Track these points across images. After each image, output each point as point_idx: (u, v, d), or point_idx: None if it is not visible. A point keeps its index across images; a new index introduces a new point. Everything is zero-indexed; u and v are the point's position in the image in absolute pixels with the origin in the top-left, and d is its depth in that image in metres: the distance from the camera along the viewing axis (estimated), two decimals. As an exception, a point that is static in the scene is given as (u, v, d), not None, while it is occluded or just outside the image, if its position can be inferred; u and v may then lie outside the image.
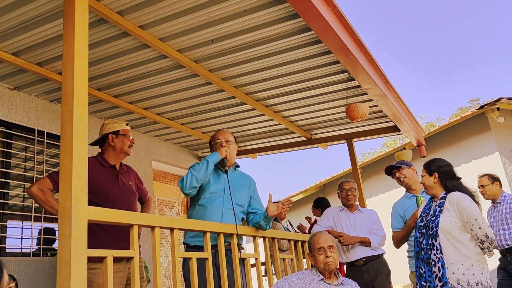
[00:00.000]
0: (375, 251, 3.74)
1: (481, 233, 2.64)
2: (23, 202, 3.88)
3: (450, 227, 2.68)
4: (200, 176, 2.81)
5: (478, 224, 2.64)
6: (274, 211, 2.89)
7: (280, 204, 2.89)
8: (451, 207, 2.73)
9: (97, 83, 3.97)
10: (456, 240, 2.66)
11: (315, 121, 5.37)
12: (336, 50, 3.37)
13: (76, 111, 1.82)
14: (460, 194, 2.77)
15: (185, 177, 2.81)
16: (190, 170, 2.84)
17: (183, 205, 6.05)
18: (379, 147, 23.13)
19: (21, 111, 3.95)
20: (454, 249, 2.65)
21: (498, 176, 4.54)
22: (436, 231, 2.70)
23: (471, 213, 2.67)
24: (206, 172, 2.83)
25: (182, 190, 2.82)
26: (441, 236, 2.68)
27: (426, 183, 2.93)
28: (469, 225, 2.67)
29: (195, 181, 2.80)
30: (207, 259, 2.49)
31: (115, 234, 2.72)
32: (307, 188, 10.82)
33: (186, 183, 2.79)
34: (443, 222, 2.70)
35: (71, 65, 1.87)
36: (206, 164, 2.84)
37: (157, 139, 5.63)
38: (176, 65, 3.74)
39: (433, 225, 2.73)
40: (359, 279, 3.49)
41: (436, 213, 2.77)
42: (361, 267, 3.66)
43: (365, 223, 3.87)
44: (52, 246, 3.95)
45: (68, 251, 1.64)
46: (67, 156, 1.78)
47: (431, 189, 2.92)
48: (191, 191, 2.83)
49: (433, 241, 2.70)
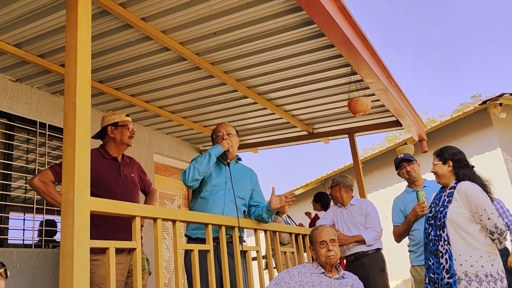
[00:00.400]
0: (368, 247, 3.72)
1: (490, 223, 2.55)
2: (25, 194, 3.89)
3: (458, 218, 2.61)
4: (202, 168, 2.82)
5: (487, 215, 2.56)
6: (277, 204, 2.89)
7: (283, 197, 2.89)
8: (459, 197, 2.66)
9: (99, 75, 3.97)
10: (464, 231, 2.59)
11: (317, 115, 5.36)
12: (338, 43, 3.36)
13: (79, 101, 1.82)
14: (469, 184, 2.69)
15: (188, 170, 2.82)
16: (192, 163, 2.85)
17: (184, 198, 6.06)
18: (380, 142, 23.12)
19: (23, 103, 3.95)
20: (462, 240, 2.58)
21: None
22: (443, 222, 2.64)
23: (479, 203, 2.59)
24: (208, 164, 2.83)
25: (184, 182, 2.83)
26: (448, 227, 2.61)
27: (439, 171, 2.83)
28: (477, 215, 2.59)
29: (197, 173, 2.80)
30: (208, 251, 2.50)
31: (117, 226, 2.73)
32: (308, 183, 10.83)
33: (188, 175, 2.80)
34: (451, 212, 2.64)
35: (74, 55, 1.87)
36: (208, 157, 2.84)
37: (158, 132, 5.63)
38: (178, 57, 3.73)
39: (441, 216, 2.67)
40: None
41: (445, 203, 2.70)
42: (353, 262, 3.66)
43: (355, 217, 3.84)
44: (53, 238, 3.97)
45: (71, 241, 1.65)
46: (70, 147, 1.78)
47: (444, 178, 2.82)
48: (193, 184, 2.83)
49: (441, 232, 2.64)
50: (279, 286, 2.66)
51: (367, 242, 3.69)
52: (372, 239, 3.70)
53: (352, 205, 3.93)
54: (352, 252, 3.72)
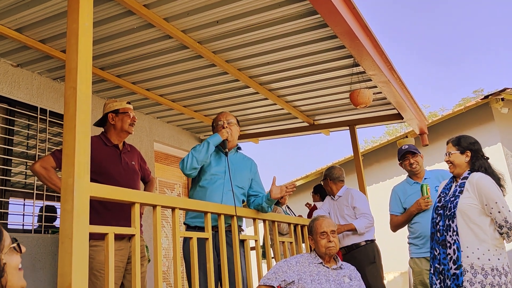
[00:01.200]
0: (359, 239, 3.72)
1: (500, 217, 2.51)
2: (26, 180, 3.89)
3: (468, 209, 2.57)
4: (201, 157, 2.81)
5: (498, 208, 2.51)
6: (278, 194, 2.89)
7: (284, 187, 2.90)
8: (470, 188, 2.61)
9: (101, 62, 3.95)
10: (473, 222, 2.55)
11: (318, 106, 5.35)
12: (341, 34, 3.33)
13: (80, 87, 1.81)
14: (482, 175, 2.63)
15: (186, 158, 2.82)
16: (191, 151, 2.85)
17: (184, 187, 6.07)
18: (380, 136, 23.10)
19: (24, 88, 3.94)
20: (471, 232, 2.54)
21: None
22: (454, 212, 2.59)
23: (491, 195, 2.54)
24: (206, 153, 2.83)
25: (182, 171, 2.83)
26: (458, 217, 2.57)
27: (456, 161, 2.74)
28: (488, 208, 2.54)
29: (195, 162, 2.80)
30: (207, 239, 2.51)
31: (117, 213, 2.74)
32: (308, 174, 10.84)
33: (186, 164, 2.80)
34: (461, 203, 2.59)
35: (75, 40, 1.85)
36: (207, 146, 2.84)
37: (159, 120, 5.63)
38: (180, 46, 3.71)
39: (451, 206, 2.62)
40: None
41: (456, 193, 2.65)
42: (344, 256, 3.67)
43: (342, 208, 3.86)
44: (53, 224, 3.98)
45: (70, 226, 1.65)
46: (71, 132, 1.77)
47: (460, 168, 2.74)
48: (191, 172, 2.83)
49: (450, 222, 2.59)
50: (277, 275, 2.67)
51: (358, 230, 3.68)
52: (363, 227, 3.69)
53: (340, 197, 3.95)
54: (343, 245, 3.72)
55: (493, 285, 2.45)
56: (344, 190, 3.97)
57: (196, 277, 2.35)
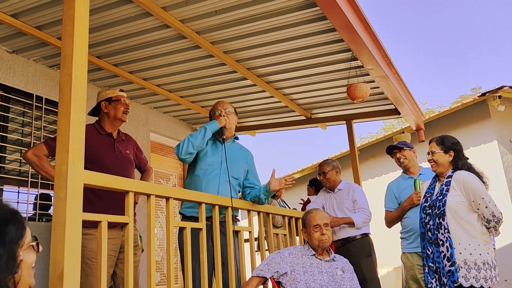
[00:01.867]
0: (355, 232, 3.73)
1: (487, 212, 2.59)
2: (20, 167, 3.88)
3: (457, 206, 2.63)
4: (197, 142, 2.80)
5: (485, 203, 2.59)
6: (277, 186, 2.88)
7: (283, 180, 2.89)
8: (457, 186, 2.68)
9: (97, 50, 3.92)
10: (462, 219, 2.62)
11: (315, 100, 5.34)
12: (340, 27, 3.32)
13: (75, 73, 1.79)
14: (466, 173, 2.71)
15: (182, 143, 2.81)
16: (187, 136, 2.84)
17: (179, 178, 6.06)
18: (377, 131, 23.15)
19: (19, 75, 3.91)
20: (461, 228, 2.61)
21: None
22: (443, 210, 2.64)
23: (477, 191, 2.62)
24: (203, 139, 2.82)
25: (178, 155, 2.82)
26: (448, 215, 2.63)
27: (440, 160, 2.82)
28: (475, 204, 2.62)
29: (191, 147, 2.79)
30: (201, 229, 2.51)
31: (110, 201, 2.73)
32: (304, 168, 10.84)
33: (182, 148, 2.79)
34: (450, 201, 2.65)
35: (71, 27, 1.84)
36: (203, 131, 2.83)
37: (155, 111, 5.61)
38: (178, 35, 3.68)
39: (440, 204, 2.68)
40: None
41: (443, 191, 2.71)
42: (339, 248, 3.68)
43: (342, 201, 3.85)
44: (47, 212, 3.97)
45: (63, 213, 1.64)
46: (65, 119, 1.76)
47: (442, 167, 2.82)
48: (186, 157, 2.82)
49: (441, 220, 2.64)
50: (270, 266, 2.68)
51: (356, 224, 3.69)
52: (361, 222, 3.71)
53: (340, 190, 3.94)
54: (339, 238, 3.73)
55: (486, 278, 2.52)
56: (344, 184, 3.98)
57: (189, 266, 2.35)
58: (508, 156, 7.22)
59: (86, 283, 2.61)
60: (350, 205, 3.82)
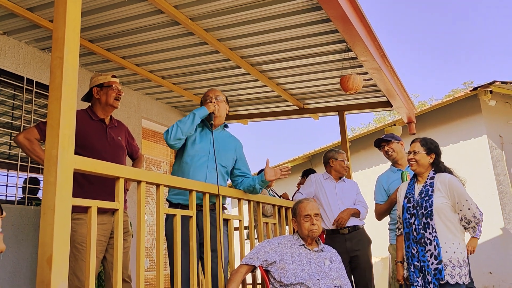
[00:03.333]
0: (358, 222, 3.81)
1: (470, 213, 2.72)
2: (10, 151, 3.85)
3: (443, 207, 2.74)
4: (186, 128, 2.79)
5: (468, 205, 2.72)
6: (273, 176, 2.89)
7: (279, 170, 2.90)
8: (442, 188, 2.78)
9: (90, 34, 3.88)
10: (448, 219, 2.73)
11: (308, 90, 5.34)
12: (335, 18, 3.31)
13: (67, 57, 1.77)
14: (451, 176, 2.83)
15: (171, 128, 2.80)
16: (176, 122, 2.83)
17: (170, 165, 6.05)
18: (369, 123, 23.22)
19: (10, 57, 3.86)
20: (446, 228, 2.72)
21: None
22: (431, 210, 2.73)
23: (462, 194, 2.74)
24: (192, 124, 2.81)
25: (166, 140, 2.81)
26: (435, 215, 2.72)
27: (422, 161, 2.90)
28: (459, 205, 2.74)
29: (180, 132, 2.78)
30: (191, 217, 2.51)
31: (101, 187, 2.72)
32: (296, 158, 10.88)
33: (170, 134, 2.78)
34: (436, 202, 2.75)
35: (63, 8, 1.81)
36: (192, 117, 2.82)
37: (148, 97, 5.57)
38: (171, 21, 3.65)
39: (427, 205, 2.76)
40: (341, 246, 3.56)
41: (429, 192, 2.80)
42: (344, 235, 3.72)
43: (350, 194, 3.91)
44: (37, 196, 3.95)
45: (53, 197, 1.64)
46: (56, 102, 1.74)
47: (422, 167, 2.91)
48: (175, 143, 2.81)
49: (428, 220, 2.73)
50: (259, 255, 2.70)
51: (361, 215, 3.81)
52: (364, 215, 3.85)
53: (344, 182, 3.97)
54: (347, 225, 3.78)
55: (465, 275, 2.69)
56: (345, 178, 4.03)
57: (178, 254, 2.36)
58: (497, 150, 7.30)
59: (76, 268, 2.61)
60: (353, 198, 3.89)
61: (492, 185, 7.10)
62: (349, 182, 4.05)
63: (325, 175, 3.98)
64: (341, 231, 3.73)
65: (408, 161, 2.98)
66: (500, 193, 7.02)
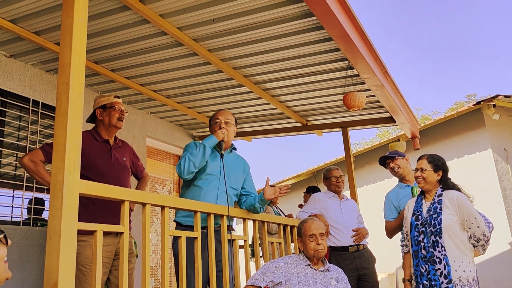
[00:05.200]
0: (364, 241, 3.80)
1: (479, 231, 2.68)
2: (15, 171, 3.87)
3: (452, 225, 2.70)
4: (198, 161, 2.79)
5: (477, 223, 2.68)
6: (271, 195, 2.89)
7: (278, 188, 2.90)
8: (451, 205, 2.74)
9: (95, 56, 3.93)
10: (457, 237, 2.69)
11: (311, 107, 5.37)
12: (337, 37, 3.35)
13: (73, 83, 1.80)
14: (459, 193, 2.80)
15: (183, 162, 2.79)
16: (187, 155, 2.80)
17: (175, 183, 6.06)
18: (372, 138, 23.22)
19: (17, 79, 3.91)
20: (456, 246, 2.68)
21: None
22: (440, 228, 2.69)
23: (471, 212, 2.70)
24: (203, 157, 2.81)
25: (180, 175, 2.80)
26: (444, 233, 2.69)
27: (429, 178, 2.88)
28: (468, 223, 2.70)
29: (192, 166, 2.78)
30: (196, 238, 2.51)
31: (105, 208, 2.73)
32: (300, 174, 10.86)
33: (184, 168, 2.77)
34: (446, 219, 2.71)
35: (69, 36, 1.85)
36: (203, 149, 2.81)
37: (152, 116, 5.61)
38: (175, 42, 3.70)
39: (435, 223, 2.73)
40: (349, 264, 3.54)
41: (438, 210, 2.77)
42: (353, 253, 3.70)
43: (353, 212, 3.94)
44: (42, 216, 3.96)
45: (59, 223, 1.65)
46: (62, 127, 1.77)
47: (430, 185, 2.89)
48: (189, 176, 2.81)
49: (437, 238, 2.69)
50: (265, 275, 2.68)
51: (368, 236, 3.84)
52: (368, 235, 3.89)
53: (347, 200, 3.99)
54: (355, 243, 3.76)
55: None
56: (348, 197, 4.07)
57: (183, 276, 2.36)
58: (503, 164, 7.27)
59: (80, 290, 2.61)
60: (355, 217, 3.92)
61: (498, 199, 7.05)
62: (351, 200, 4.09)
63: (329, 194, 3.99)
64: (350, 249, 3.71)
65: (416, 178, 2.95)
66: (507, 207, 6.96)
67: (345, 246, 3.72)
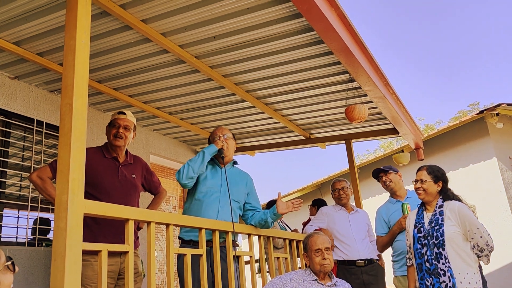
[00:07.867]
0: (375, 256, 3.77)
1: (482, 241, 2.65)
2: (20, 192, 3.88)
3: (455, 236, 2.67)
4: (196, 167, 2.83)
5: (480, 233, 2.65)
6: (285, 209, 2.89)
7: (291, 203, 2.90)
8: (452, 216, 2.72)
9: (98, 75, 3.97)
10: (460, 249, 2.66)
11: (314, 120, 5.37)
12: (337, 51, 3.37)
13: (76, 103, 1.82)
14: (460, 203, 2.77)
15: (182, 168, 2.85)
16: (187, 162, 2.88)
17: (179, 200, 6.05)
18: (375, 149, 23.17)
19: (21, 100, 3.95)
20: (460, 258, 2.65)
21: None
22: (442, 240, 2.67)
23: (473, 222, 2.68)
24: (202, 163, 2.85)
25: (179, 180, 2.84)
26: (447, 245, 2.66)
27: (429, 189, 2.86)
28: (470, 233, 2.67)
29: (191, 171, 2.82)
30: (201, 255, 2.50)
31: (108, 228, 2.72)
32: (304, 187, 10.84)
33: (183, 173, 2.82)
34: (448, 231, 2.69)
35: (72, 57, 1.87)
36: (202, 155, 2.87)
37: (155, 133, 5.63)
38: (177, 60, 3.73)
39: (438, 234, 2.70)
40: (357, 279, 3.51)
41: (439, 221, 2.74)
42: (361, 268, 3.67)
43: (363, 224, 3.89)
44: (47, 236, 3.96)
45: (63, 244, 1.65)
46: (65, 148, 1.78)
47: (430, 196, 2.87)
48: (187, 182, 2.84)
49: (441, 250, 2.66)
50: (271, 292, 2.66)
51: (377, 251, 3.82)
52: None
53: (357, 212, 3.96)
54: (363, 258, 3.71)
55: None
56: (359, 209, 4.04)
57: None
58: (508, 173, 7.22)
59: (83, 310, 2.59)
60: (365, 229, 3.88)
61: (505, 208, 6.99)
62: (362, 212, 4.05)
63: (337, 207, 3.97)
64: (358, 263, 3.68)
65: (416, 190, 2.93)
66: (514, 216, 6.90)
67: (352, 260, 3.68)
